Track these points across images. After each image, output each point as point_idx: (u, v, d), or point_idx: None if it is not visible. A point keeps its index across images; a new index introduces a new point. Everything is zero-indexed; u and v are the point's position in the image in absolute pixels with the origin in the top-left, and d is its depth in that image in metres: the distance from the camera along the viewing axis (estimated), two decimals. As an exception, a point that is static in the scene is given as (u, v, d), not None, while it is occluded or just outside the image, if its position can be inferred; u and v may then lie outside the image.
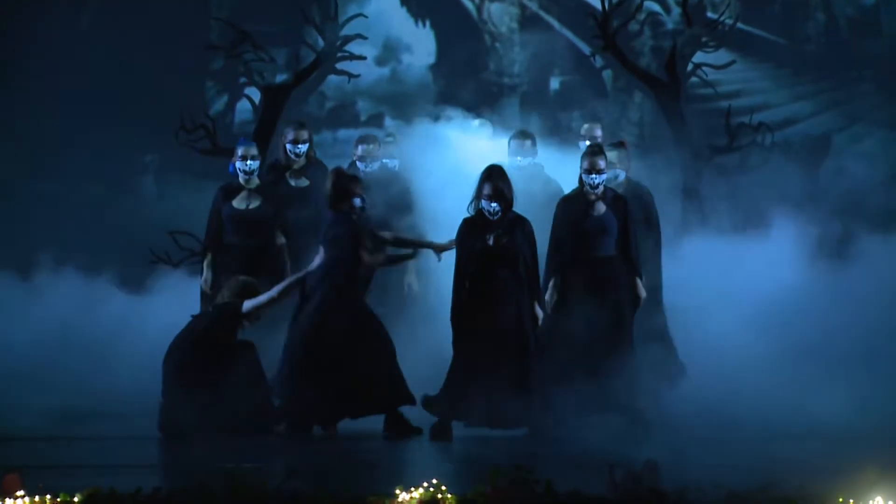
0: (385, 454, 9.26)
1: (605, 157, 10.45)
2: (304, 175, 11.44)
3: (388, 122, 12.11)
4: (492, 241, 10.04)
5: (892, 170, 13.57)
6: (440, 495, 7.01)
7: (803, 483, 7.11)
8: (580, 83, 14.57)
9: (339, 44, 13.75)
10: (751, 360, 10.93)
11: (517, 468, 7.13)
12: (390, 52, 14.81)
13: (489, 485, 7.08)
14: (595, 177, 10.37)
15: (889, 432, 9.36)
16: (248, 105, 14.34)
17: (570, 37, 14.75)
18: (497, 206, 10.03)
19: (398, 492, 7.05)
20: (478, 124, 11.86)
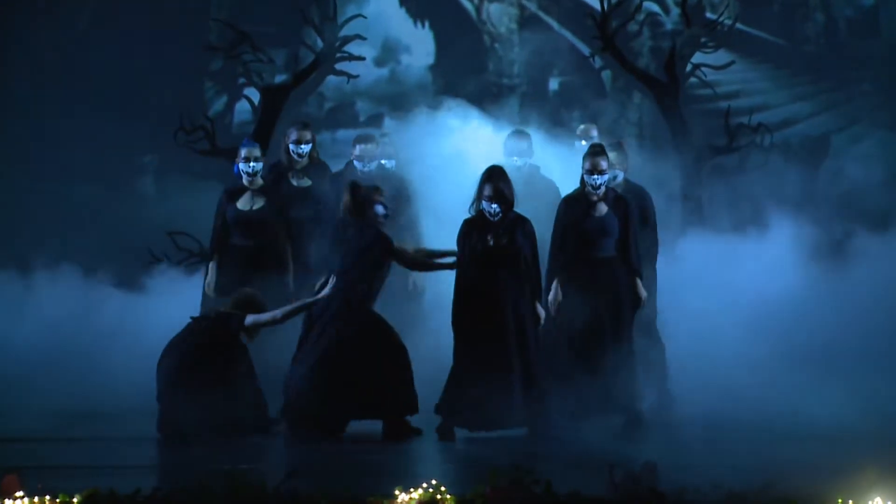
0: (384, 455, 9.25)
1: (607, 157, 10.41)
2: (306, 175, 11.43)
3: (387, 122, 12.09)
4: (492, 241, 10.03)
5: (890, 170, 13.57)
6: (439, 496, 7.02)
7: (802, 483, 7.11)
8: (579, 84, 14.56)
9: (338, 44, 13.74)
10: (750, 361, 10.94)
11: (516, 468, 7.13)
12: (389, 52, 14.81)
13: (488, 485, 7.08)
14: (597, 177, 10.34)
15: (888, 433, 9.36)
16: (248, 106, 14.33)
17: (570, 37, 14.74)
18: (498, 207, 10.02)
19: (397, 492, 7.05)
20: (477, 125, 11.80)
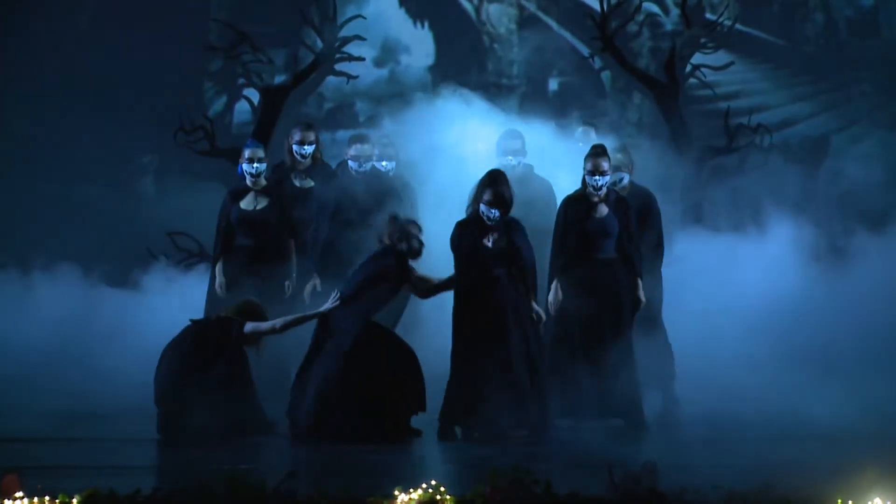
0: (384, 455, 9.25)
1: (609, 158, 10.38)
2: (308, 176, 11.41)
3: (386, 123, 12.07)
4: (491, 243, 10.02)
5: (890, 171, 13.56)
6: (439, 496, 7.02)
7: (802, 484, 7.11)
8: (579, 84, 14.56)
9: (337, 45, 13.76)
10: (750, 361, 10.94)
11: (516, 469, 7.13)
12: (389, 53, 14.80)
13: (488, 486, 7.08)
14: (598, 178, 10.31)
15: (888, 433, 9.36)
16: (247, 106, 14.33)
17: (569, 38, 14.74)
18: (497, 212, 10.00)
19: (397, 493, 7.05)
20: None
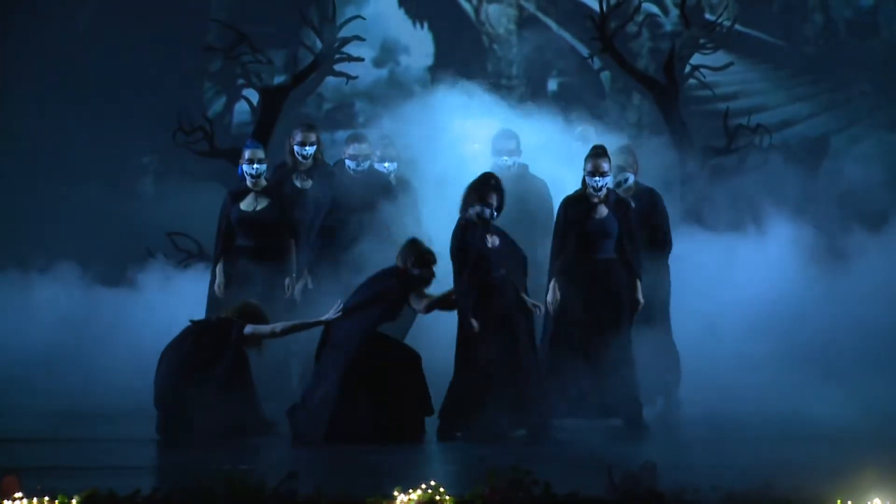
0: (383, 455, 9.24)
1: (609, 159, 10.37)
2: (309, 177, 11.40)
3: (385, 123, 12.08)
4: (491, 244, 10.02)
5: (890, 171, 13.56)
6: (438, 497, 7.01)
7: (801, 484, 7.11)
8: (578, 85, 14.56)
9: (336, 45, 13.76)
10: (749, 361, 10.95)
11: (515, 469, 7.13)
12: (388, 53, 14.80)
13: (487, 486, 7.07)
14: (598, 179, 10.30)
15: (888, 433, 9.36)
16: (246, 106, 14.32)
17: (569, 38, 14.74)
18: (496, 214, 10.03)
19: (396, 493, 7.05)
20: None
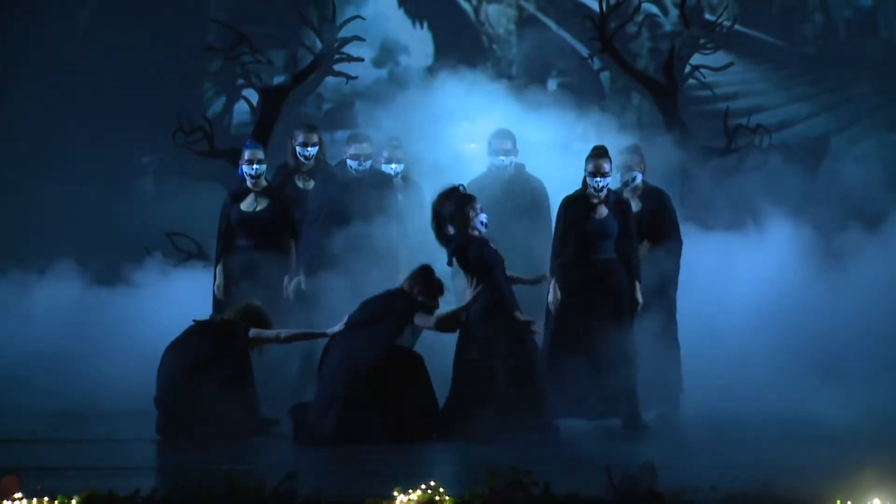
0: (383, 455, 9.24)
1: (610, 159, 10.37)
2: (312, 177, 11.38)
3: (385, 123, 12.08)
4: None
5: (889, 171, 13.56)
6: (438, 497, 7.01)
7: (801, 485, 7.11)
8: (578, 85, 14.55)
9: (336, 45, 13.75)
10: (749, 362, 10.95)
11: (515, 470, 7.12)
12: (388, 53, 14.80)
13: (487, 486, 7.07)
14: (599, 180, 10.29)
15: (888, 433, 9.36)
16: (246, 107, 14.32)
17: (568, 38, 14.74)
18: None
19: (396, 494, 7.04)
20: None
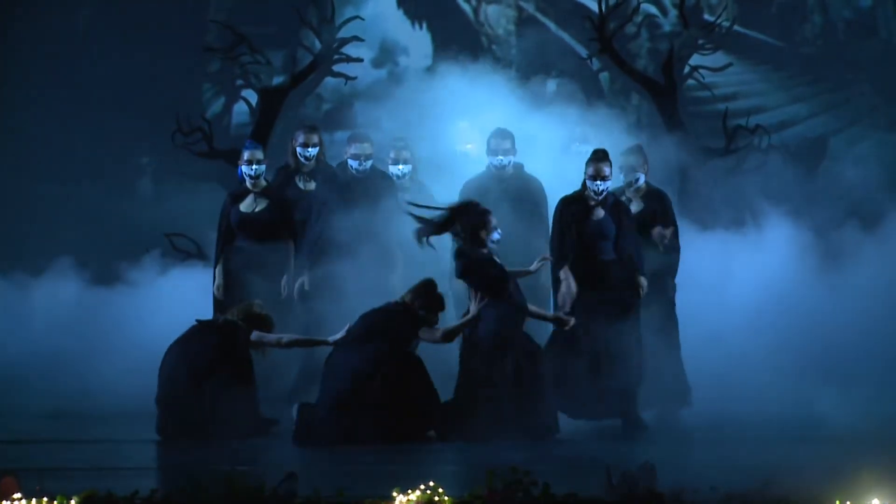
0: (382, 456, 9.24)
1: (610, 163, 10.35)
2: (312, 178, 11.37)
3: (385, 124, 12.08)
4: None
5: (888, 172, 13.57)
6: (437, 497, 7.01)
7: (801, 485, 7.11)
8: (577, 85, 14.55)
9: (335, 46, 13.76)
10: (749, 362, 10.94)
11: (514, 470, 7.12)
12: (387, 54, 14.80)
13: (486, 487, 7.07)
14: (600, 183, 10.27)
15: (888, 433, 9.35)
16: (245, 107, 14.32)
17: (567, 39, 14.73)
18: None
19: (395, 494, 7.04)
20: None
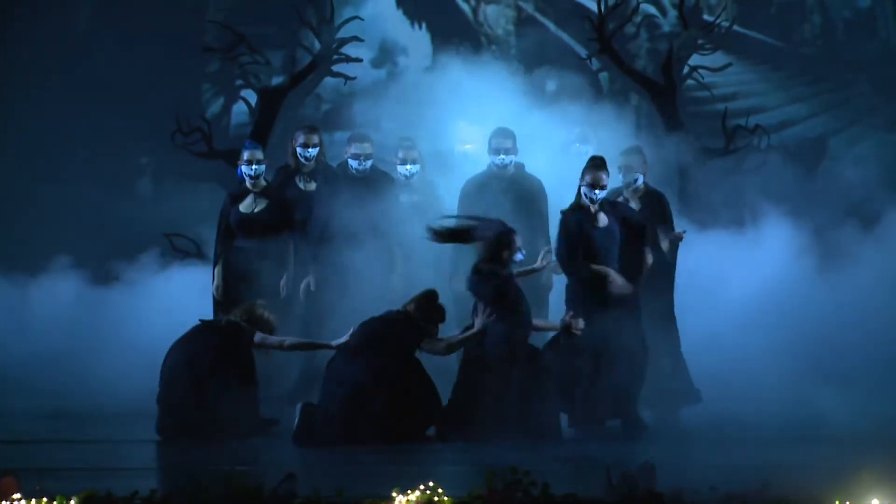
0: (382, 456, 9.24)
1: (608, 171, 10.33)
2: (313, 178, 11.36)
3: (384, 124, 12.09)
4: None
5: (888, 172, 13.57)
6: (437, 497, 7.01)
7: (800, 485, 7.11)
8: (576, 86, 14.54)
9: (334, 46, 13.75)
10: (747, 362, 10.95)
11: (513, 470, 7.12)
12: (386, 54, 14.79)
13: (486, 487, 7.07)
14: (598, 192, 10.24)
15: (887, 434, 9.36)
16: (245, 107, 14.32)
17: (567, 39, 14.73)
18: None
19: (395, 494, 7.04)
20: None
